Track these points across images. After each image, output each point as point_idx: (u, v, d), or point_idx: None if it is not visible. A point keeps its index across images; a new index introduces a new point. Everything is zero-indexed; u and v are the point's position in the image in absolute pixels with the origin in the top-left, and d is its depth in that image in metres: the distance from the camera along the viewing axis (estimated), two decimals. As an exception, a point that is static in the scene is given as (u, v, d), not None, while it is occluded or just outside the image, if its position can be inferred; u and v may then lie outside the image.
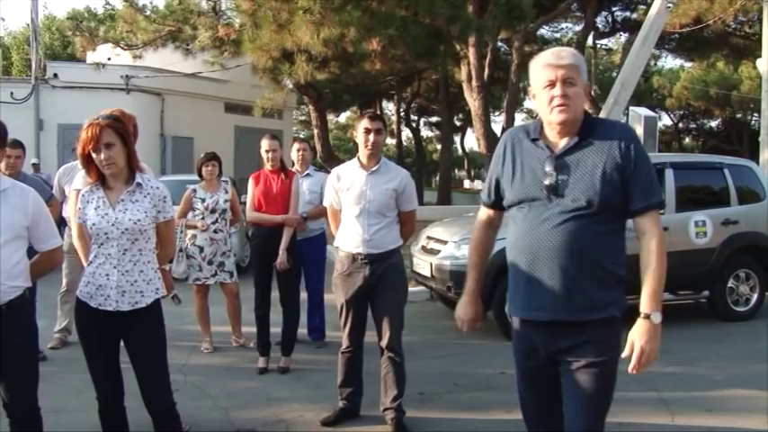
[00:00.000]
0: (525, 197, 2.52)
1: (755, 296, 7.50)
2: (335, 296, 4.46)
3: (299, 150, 6.40)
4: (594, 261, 2.44)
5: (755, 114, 29.31)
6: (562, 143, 2.49)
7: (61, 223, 6.32)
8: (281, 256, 5.46)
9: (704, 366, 5.73)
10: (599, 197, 2.40)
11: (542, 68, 2.47)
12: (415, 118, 38.10)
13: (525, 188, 2.52)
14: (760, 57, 13.10)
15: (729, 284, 7.40)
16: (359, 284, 4.31)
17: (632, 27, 19.13)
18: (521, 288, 2.57)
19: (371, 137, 4.27)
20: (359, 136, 4.34)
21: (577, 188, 2.42)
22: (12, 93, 16.34)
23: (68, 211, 6.19)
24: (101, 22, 23.27)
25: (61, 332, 6.28)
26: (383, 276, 4.30)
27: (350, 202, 4.33)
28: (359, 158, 4.38)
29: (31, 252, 3.17)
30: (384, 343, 4.32)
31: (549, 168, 2.47)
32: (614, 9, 21.51)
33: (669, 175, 7.20)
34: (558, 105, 2.43)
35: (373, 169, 4.33)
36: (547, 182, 2.47)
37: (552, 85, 2.44)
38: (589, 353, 2.49)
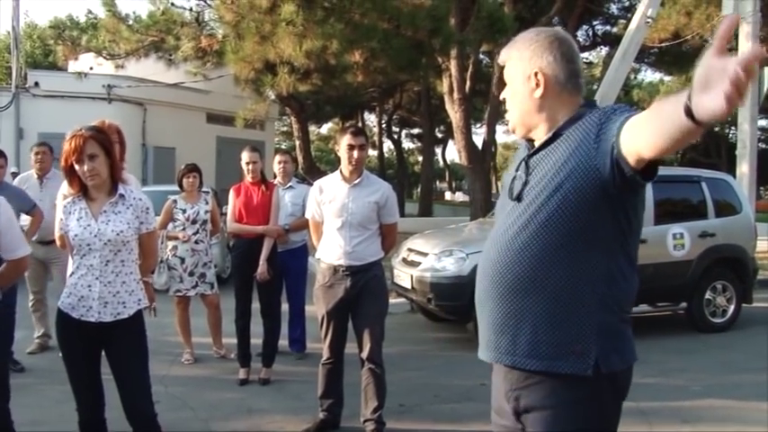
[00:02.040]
0: (499, 205, 2.13)
1: (732, 308, 7.61)
2: (317, 307, 4.48)
3: (280, 162, 6.41)
4: (546, 289, 1.87)
5: (733, 128, 29.69)
6: (538, 142, 2.00)
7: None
8: (262, 267, 5.47)
9: (682, 377, 5.79)
10: (553, 200, 1.85)
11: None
12: (397, 130, 38.28)
13: (501, 196, 2.12)
14: (736, 72, 13.30)
15: (707, 296, 7.50)
16: (340, 296, 4.33)
17: (612, 41, 19.37)
18: (477, 317, 2.10)
19: (355, 153, 4.29)
20: (342, 151, 4.36)
21: (533, 193, 1.91)
22: (-8, 101, 16.22)
23: (24, 220, 6.21)
24: (83, 30, 23.22)
25: (41, 338, 6.28)
26: (364, 288, 4.33)
27: (332, 215, 4.35)
28: (341, 171, 4.41)
29: None
30: (365, 354, 4.34)
31: (519, 171, 2.01)
32: (595, 23, 21.79)
33: (648, 188, 7.26)
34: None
35: (355, 182, 4.36)
36: (510, 184, 2.04)
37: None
38: (542, 423, 1.93)
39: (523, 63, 1.97)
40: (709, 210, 7.61)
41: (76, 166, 3.10)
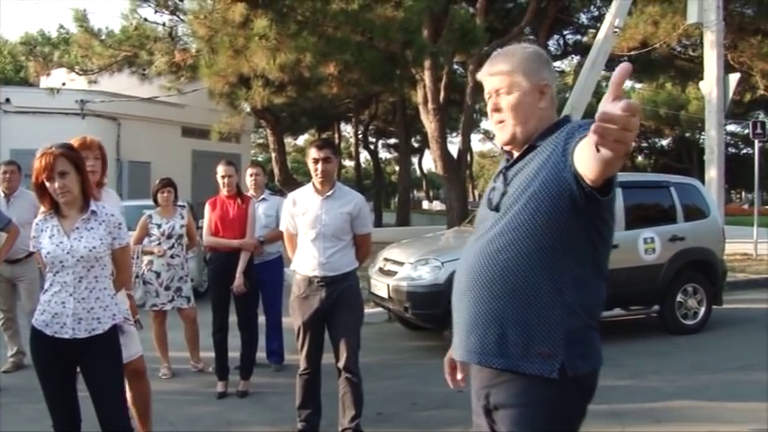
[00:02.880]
0: (479, 216, 2.20)
1: (703, 310, 7.73)
2: (293, 319, 4.51)
3: (252, 175, 6.43)
4: (517, 292, 1.95)
5: (703, 133, 30.20)
6: (516, 154, 2.11)
7: None
8: (238, 279, 5.50)
9: (654, 379, 5.89)
10: (527, 209, 1.94)
11: (482, 79, 2.16)
12: (374, 140, 38.37)
13: (481, 206, 2.21)
14: (702, 79, 13.59)
15: (678, 299, 7.62)
16: (316, 307, 4.37)
17: (583, 50, 19.66)
18: (453, 319, 2.19)
19: (320, 166, 4.34)
20: (309, 164, 4.42)
21: (509, 202, 2.00)
22: (-38, 118, 16.06)
23: None
24: (55, 46, 23.07)
25: (15, 356, 6.23)
26: (340, 298, 4.37)
27: (305, 226, 4.40)
28: (313, 184, 4.46)
29: None
30: (341, 364, 4.38)
31: (498, 181, 2.12)
32: (566, 33, 22.11)
33: (618, 193, 7.41)
34: (495, 123, 2.11)
35: (328, 194, 4.41)
36: (488, 195, 2.13)
37: (491, 97, 2.12)
38: (510, 420, 2.01)
39: (529, 75, 2.05)
40: (679, 214, 7.76)
41: (47, 184, 3.12)
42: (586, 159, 1.68)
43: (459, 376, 2.36)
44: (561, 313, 1.93)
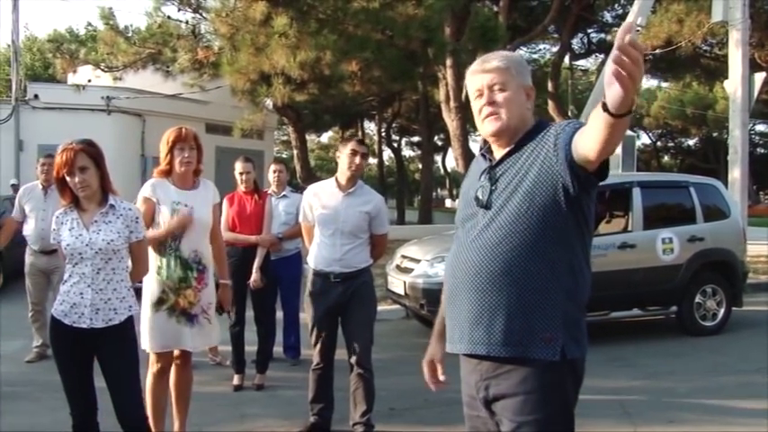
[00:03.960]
0: (464, 214, 2.26)
1: (722, 311, 7.68)
2: (306, 314, 4.57)
3: (275, 171, 6.49)
4: (518, 282, 2.05)
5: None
6: (501, 153, 2.19)
7: (22, 242, 6.47)
8: (255, 275, 5.58)
9: (669, 380, 5.87)
10: (521, 206, 2.05)
11: (470, 77, 2.23)
12: (397, 138, 38.43)
13: (464, 205, 2.27)
14: (728, 78, 13.44)
15: (697, 300, 7.57)
16: (330, 302, 4.41)
17: (607, 49, 19.52)
18: (447, 315, 2.27)
19: (357, 159, 4.37)
20: (342, 157, 4.42)
21: (501, 198, 2.09)
22: (-8, 114, 16.38)
23: (27, 230, 6.33)
24: (82, 43, 23.38)
25: (39, 347, 6.38)
26: (354, 294, 4.41)
27: (324, 221, 4.43)
28: (336, 179, 4.48)
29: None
30: (354, 359, 4.42)
31: (483, 180, 2.19)
32: (590, 31, 21.99)
33: (636, 193, 7.41)
34: (487, 115, 2.16)
35: (349, 191, 4.44)
36: (475, 193, 2.19)
37: (481, 94, 2.18)
38: (513, 409, 2.08)
39: (518, 76, 2.18)
40: (698, 214, 7.70)
41: (68, 178, 3.21)
42: (590, 135, 1.81)
43: (442, 377, 2.42)
44: (559, 298, 2.06)
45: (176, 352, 4.12)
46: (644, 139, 39.61)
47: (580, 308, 2.13)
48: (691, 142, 41.36)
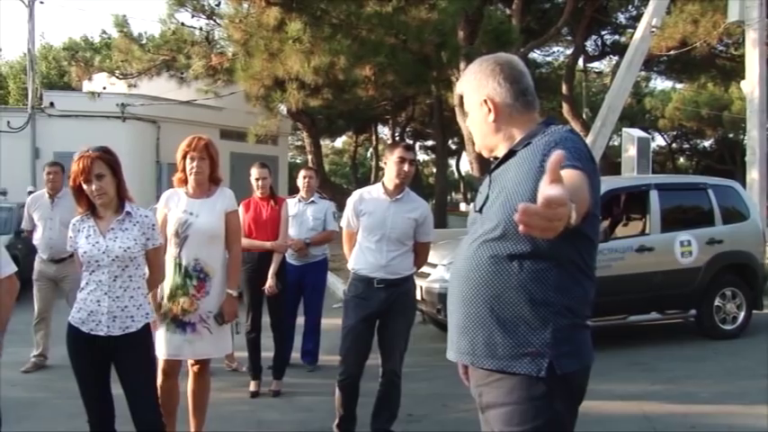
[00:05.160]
0: (470, 219, 2.23)
1: (742, 314, 7.59)
2: (344, 317, 4.43)
3: (305, 177, 6.48)
4: (501, 294, 1.99)
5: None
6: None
7: (33, 251, 6.49)
8: (270, 281, 5.56)
9: (690, 384, 5.80)
10: (505, 214, 1.97)
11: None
12: (411, 142, 38.36)
13: (472, 209, 2.23)
14: (744, 79, 13.33)
15: (716, 303, 7.49)
16: (371, 308, 4.33)
17: (621, 50, 19.39)
18: (449, 321, 2.24)
19: (405, 166, 4.31)
20: (390, 164, 4.36)
21: (495, 206, 2.04)
22: (8, 122, 16.52)
23: (36, 239, 6.36)
24: (96, 51, 23.54)
25: (38, 357, 6.31)
26: (396, 302, 4.34)
27: (370, 227, 4.36)
28: (384, 184, 4.41)
29: None
30: (387, 366, 4.36)
31: (484, 185, 2.17)
32: (603, 33, 21.90)
33: (654, 196, 7.34)
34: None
35: (397, 197, 4.38)
36: (477, 197, 2.18)
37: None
38: (501, 419, 2.03)
39: (474, 93, 2.16)
40: (717, 217, 7.62)
41: (84, 186, 3.21)
42: None
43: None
44: (547, 313, 1.96)
45: (190, 361, 4.12)
46: (659, 141, 39.37)
47: (574, 322, 2.01)
48: (706, 144, 41.03)
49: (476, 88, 2.16)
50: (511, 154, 2.08)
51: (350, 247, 4.56)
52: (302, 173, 6.59)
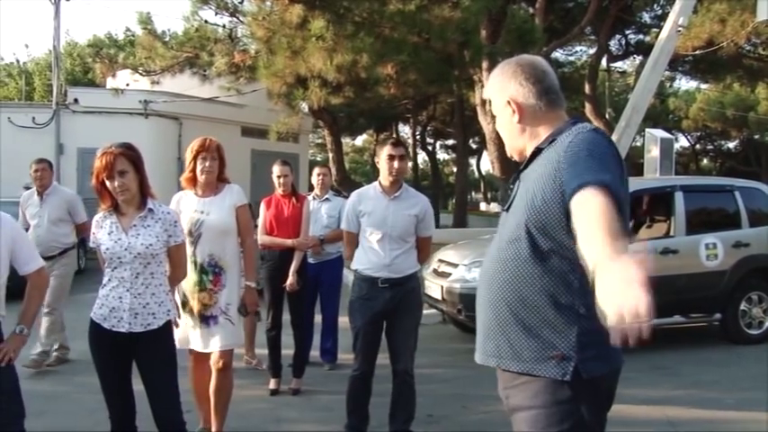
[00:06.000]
0: (501, 219, 2.22)
1: (769, 319, 7.47)
2: (352, 319, 4.44)
3: (319, 175, 6.47)
4: (526, 297, 1.97)
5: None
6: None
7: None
8: (291, 278, 5.55)
9: (714, 389, 5.71)
10: (528, 215, 1.96)
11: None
12: (431, 141, 38.31)
13: (503, 211, 2.24)
14: (772, 79, 13.13)
15: (742, 307, 7.37)
16: (377, 308, 4.31)
17: (646, 50, 19.19)
18: (477, 322, 2.23)
19: (396, 163, 4.29)
20: (381, 162, 4.35)
21: (519, 206, 2.03)
22: (33, 117, 16.72)
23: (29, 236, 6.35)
24: (120, 48, 23.73)
25: (39, 355, 6.14)
26: (402, 301, 4.33)
27: (371, 227, 4.34)
28: (380, 183, 4.40)
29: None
30: (399, 366, 4.35)
31: (513, 184, 2.17)
32: (627, 32, 21.64)
33: (679, 197, 7.24)
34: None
35: (395, 195, 4.36)
36: (506, 196, 2.18)
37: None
38: (527, 422, 2.02)
39: (498, 95, 2.17)
40: (743, 219, 7.49)
41: (107, 182, 3.21)
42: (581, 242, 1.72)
43: None
44: (572, 316, 1.94)
45: (214, 357, 4.16)
46: (682, 142, 38.94)
47: (601, 325, 1.90)
48: (731, 145, 40.50)
49: (499, 90, 2.17)
50: (537, 152, 2.07)
51: (351, 248, 4.55)
52: (316, 170, 6.57)
